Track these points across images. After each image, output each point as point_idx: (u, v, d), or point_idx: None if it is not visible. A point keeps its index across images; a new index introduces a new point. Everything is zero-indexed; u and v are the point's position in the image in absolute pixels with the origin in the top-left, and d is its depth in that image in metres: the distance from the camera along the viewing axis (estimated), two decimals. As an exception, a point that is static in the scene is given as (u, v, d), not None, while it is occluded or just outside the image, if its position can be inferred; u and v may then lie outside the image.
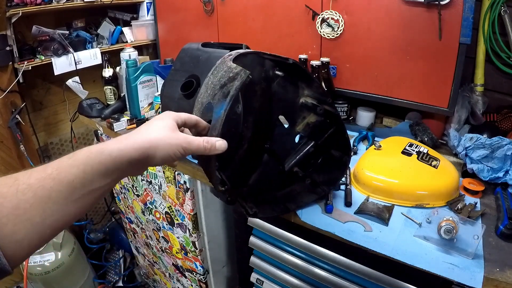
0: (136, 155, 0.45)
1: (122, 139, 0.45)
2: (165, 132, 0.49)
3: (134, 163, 0.45)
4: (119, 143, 0.44)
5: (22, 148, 1.51)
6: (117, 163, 0.43)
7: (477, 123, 1.11)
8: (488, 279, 0.61)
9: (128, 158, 0.44)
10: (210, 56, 0.85)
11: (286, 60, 0.72)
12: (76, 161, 0.41)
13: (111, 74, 1.42)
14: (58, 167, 0.40)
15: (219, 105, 0.57)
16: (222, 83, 0.59)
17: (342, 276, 0.86)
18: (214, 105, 0.58)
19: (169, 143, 0.48)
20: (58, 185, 0.39)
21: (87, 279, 1.71)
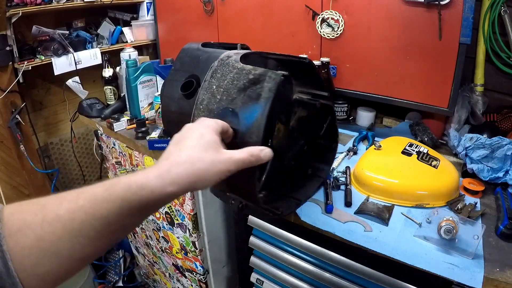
0: (181, 192, 0.41)
1: (164, 172, 0.40)
2: (210, 157, 0.43)
3: (178, 196, 0.41)
4: (161, 179, 0.39)
5: (22, 148, 1.51)
6: (158, 201, 0.39)
7: (477, 123, 1.11)
8: (488, 279, 0.61)
9: (171, 195, 0.40)
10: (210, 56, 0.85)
11: (303, 59, 0.69)
12: (112, 195, 0.37)
13: (111, 74, 1.42)
14: (92, 199, 0.37)
15: (249, 109, 0.53)
16: (241, 86, 0.56)
17: (342, 276, 0.86)
18: (239, 109, 0.54)
19: (215, 171, 0.43)
20: (90, 220, 0.35)
21: (87, 279, 1.71)
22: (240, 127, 0.53)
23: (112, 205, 0.37)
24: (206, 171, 0.42)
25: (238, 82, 0.57)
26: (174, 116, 0.90)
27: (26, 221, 0.34)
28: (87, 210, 0.36)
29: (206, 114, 0.58)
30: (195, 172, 0.41)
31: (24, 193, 1.68)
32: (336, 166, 0.98)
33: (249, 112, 0.53)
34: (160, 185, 0.39)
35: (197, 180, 0.41)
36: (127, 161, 1.32)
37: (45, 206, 0.35)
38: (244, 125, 0.52)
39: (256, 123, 0.52)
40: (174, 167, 0.41)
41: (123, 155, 1.34)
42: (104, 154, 1.50)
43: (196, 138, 0.44)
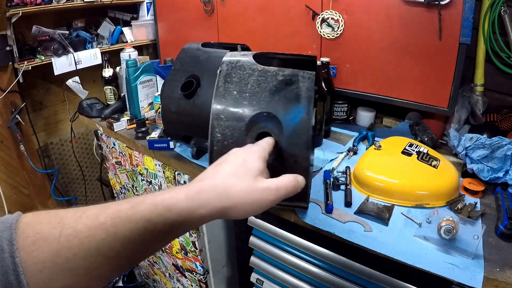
0: (210, 216, 0.38)
1: (194, 194, 0.37)
2: (246, 185, 0.40)
3: (205, 222, 0.39)
4: (190, 201, 0.37)
5: (22, 148, 1.51)
6: (185, 223, 0.37)
7: (477, 123, 1.11)
8: (488, 279, 0.61)
9: (199, 218, 0.37)
10: (210, 56, 0.85)
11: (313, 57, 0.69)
12: (135, 215, 0.35)
13: (111, 74, 1.42)
14: (114, 217, 0.34)
15: (291, 110, 0.53)
16: (272, 88, 0.55)
17: (342, 276, 0.86)
18: (277, 113, 0.53)
19: (252, 201, 0.39)
20: (111, 239, 0.33)
21: (87, 279, 1.71)
22: (282, 131, 0.52)
23: (135, 225, 0.34)
24: (241, 199, 0.39)
25: (267, 85, 0.55)
26: (174, 116, 0.90)
27: (43, 234, 0.32)
28: (108, 228, 0.33)
29: (232, 123, 0.54)
30: (229, 199, 0.38)
31: (24, 193, 1.68)
32: (336, 166, 0.98)
33: (292, 113, 0.53)
34: (188, 208, 0.36)
35: (230, 207, 0.38)
36: (127, 161, 1.32)
37: (63, 220, 0.33)
38: (289, 127, 0.52)
39: (303, 123, 0.52)
40: (205, 190, 0.38)
41: (123, 155, 1.34)
42: (104, 154, 1.50)
43: (237, 164, 0.42)
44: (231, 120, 0.54)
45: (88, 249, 0.33)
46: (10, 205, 1.59)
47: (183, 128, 0.90)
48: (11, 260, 0.31)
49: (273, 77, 0.57)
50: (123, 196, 1.53)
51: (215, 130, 0.54)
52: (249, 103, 0.55)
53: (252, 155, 0.43)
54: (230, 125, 0.54)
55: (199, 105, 0.82)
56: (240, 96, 0.55)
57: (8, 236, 0.31)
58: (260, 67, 0.58)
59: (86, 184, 1.93)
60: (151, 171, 1.22)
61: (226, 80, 0.57)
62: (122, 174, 1.42)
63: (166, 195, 0.37)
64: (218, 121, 0.54)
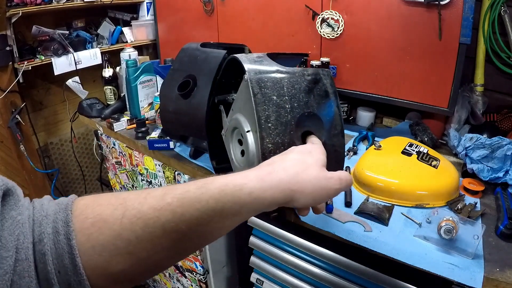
0: (280, 199, 0.37)
1: (265, 175, 0.37)
2: (315, 171, 0.40)
3: (274, 205, 0.38)
4: (261, 181, 0.36)
5: (22, 148, 1.51)
6: (255, 204, 0.36)
7: (477, 123, 1.11)
8: (488, 279, 0.61)
9: (270, 200, 0.37)
10: (208, 56, 0.85)
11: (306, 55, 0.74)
12: (204, 195, 0.33)
13: (111, 74, 1.42)
14: (182, 197, 0.33)
15: (326, 106, 0.57)
16: (305, 88, 0.57)
17: (342, 276, 0.86)
18: (316, 110, 0.56)
19: (320, 188, 0.40)
20: (177, 220, 0.32)
21: (87, 279, 1.71)
22: (323, 126, 0.56)
23: (204, 205, 0.33)
24: (309, 184, 0.39)
25: (300, 86, 0.56)
26: (171, 115, 0.90)
27: (103, 215, 0.31)
28: (175, 209, 0.32)
29: (281, 129, 0.53)
30: (298, 182, 0.38)
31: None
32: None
33: (326, 108, 0.57)
34: (260, 187, 0.36)
35: (299, 191, 0.38)
36: (127, 161, 1.32)
37: (126, 201, 0.32)
38: (327, 122, 0.56)
39: (336, 115, 0.57)
40: (276, 172, 0.38)
41: (123, 155, 1.34)
42: (104, 154, 1.50)
43: (305, 153, 0.43)
44: (279, 126, 0.53)
45: (152, 231, 0.31)
46: (10, 205, 1.59)
47: (180, 128, 0.91)
48: (66, 243, 0.30)
49: (302, 77, 0.58)
50: (123, 196, 1.53)
51: (265, 141, 0.52)
52: (292, 106, 0.55)
53: (315, 149, 0.45)
54: (279, 132, 0.53)
55: (195, 105, 0.82)
56: (281, 100, 0.55)
57: (64, 217, 0.30)
58: (285, 68, 0.59)
59: (86, 184, 1.93)
60: (151, 171, 1.22)
61: (260, 85, 0.55)
62: (122, 174, 1.42)
63: (236, 176, 0.36)
64: (267, 131, 0.53)
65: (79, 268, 0.30)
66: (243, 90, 0.59)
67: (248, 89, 0.54)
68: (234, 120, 0.62)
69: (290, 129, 0.54)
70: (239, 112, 0.62)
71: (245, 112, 0.59)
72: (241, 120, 0.59)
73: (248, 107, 0.57)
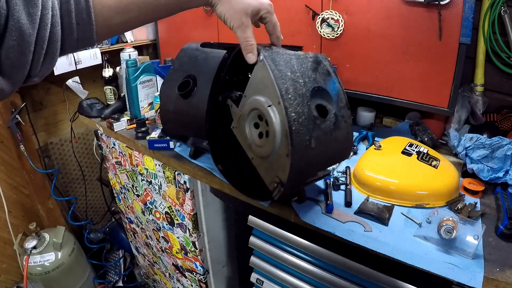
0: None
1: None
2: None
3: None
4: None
5: (22, 148, 1.51)
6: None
7: (477, 123, 1.11)
8: (488, 279, 0.61)
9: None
10: (208, 56, 0.85)
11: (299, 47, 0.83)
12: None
13: (111, 74, 1.42)
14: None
15: (330, 82, 0.66)
16: (311, 67, 0.65)
17: (342, 276, 0.86)
18: (323, 85, 0.64)
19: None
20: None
21: (87, 279, 1.71)
22: (331, 98, 0.64)
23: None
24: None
25: (306, 65, 0.64)
26: (171, 115, 0.90)
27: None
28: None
29: (300, 100, 0.60)
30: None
31: (24, 193, 1.68)
32: (336, 166, 0.98)
33: (331, 84, 0.66)
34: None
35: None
36: (127, 161, 1.33)
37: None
38: (334, 95, 0.65)
39: (340, 90, 0.67)
40: None
41: (123, 155, 1.34)
42: (104, 154, 1.50)
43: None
44: (298, 97, 0.60)
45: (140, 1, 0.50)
46: (10, 205, 1.59)
47: (180, 128, 0.91)
48: (85, 4, 0.44)
49: (306, 58, 0.66)
50: (123, 196, 1.53)
51: (288, 111, 0.58)
52: (304, 81, 0.62)
53: None
54: (299, 102, 0.59)
55: (195, 105, 0.82)
56: (295, 76, 0.61)
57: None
58: (289, 51, 0.67)
59: (86, 184, 1.93)
60: (151, 171, 1.22)
61: (275, 63, 0.62)
62: (122, 174, 1.42)
63: None
64: (288, 101, 0.59)
65: (92, 21, 0.45)
66: (258, 72, 0.64)
67: (265, 67, 0.61)
68: (251, 102, 0.66)
69: (306, 100, 0.60)
70: (255, 95, 0.66)
71: (263, 91, 0.63)
72: (260, 99, 0.63)
73: (266, 85, 0.62)
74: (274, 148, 0.62)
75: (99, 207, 2.05)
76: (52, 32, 0.40)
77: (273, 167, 0.64)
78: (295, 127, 0.58)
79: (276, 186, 0.65)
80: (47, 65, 0.42)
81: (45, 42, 0.39)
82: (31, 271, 1.46)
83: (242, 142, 0.72)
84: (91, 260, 1.83)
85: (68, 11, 0.42)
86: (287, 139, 0.58)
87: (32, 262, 1.46)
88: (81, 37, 0.45)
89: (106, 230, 1.99)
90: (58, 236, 1.56)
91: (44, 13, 0.39)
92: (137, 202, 1.41)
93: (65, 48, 0.44)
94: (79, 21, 0.43)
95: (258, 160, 0.68)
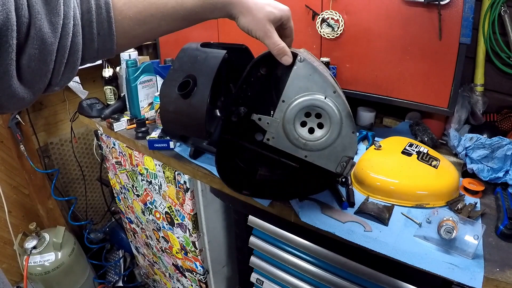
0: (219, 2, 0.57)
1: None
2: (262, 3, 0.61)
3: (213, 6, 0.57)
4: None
5: (22, 148, 1.51)
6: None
7: (477, 123, 1.11)
8: (488, 279, 0.61)
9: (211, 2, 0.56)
10: (208, 56, 0.85)
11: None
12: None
13: (111, 74, 1.42)
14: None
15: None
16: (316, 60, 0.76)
17: (342, 276, 0.86)
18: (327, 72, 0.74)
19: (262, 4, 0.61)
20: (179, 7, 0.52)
21: (87, 279, 1.71)
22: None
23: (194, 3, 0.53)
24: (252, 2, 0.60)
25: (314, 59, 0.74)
26: (171, 115, 0.91)
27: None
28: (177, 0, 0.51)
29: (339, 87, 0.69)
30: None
31: (24, 193, 1.68)
32: (336, 166, 0.98)
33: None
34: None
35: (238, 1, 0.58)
36: (127, 161, 1.33)
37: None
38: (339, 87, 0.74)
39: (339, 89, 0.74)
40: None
41: (123, 155, 1.34)
42: (104, 154, 1.50)
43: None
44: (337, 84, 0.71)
45: (162, 12, 0.50)
46: (10, 205, 1.59)
47: (180, 128, 0.91)
48: (106, 14, 0.44)
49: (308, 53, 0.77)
50: (123, 196, 1.53)
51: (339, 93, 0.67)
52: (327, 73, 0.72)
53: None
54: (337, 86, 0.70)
55: (195, 105, 0.83)
56: (322, 69, 0.69)
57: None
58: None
59: (86, 184, 1.93)
60: (151, 171, 1.22)
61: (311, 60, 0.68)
62: (122, 174, 1.42)
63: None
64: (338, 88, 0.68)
65: (113, 31, 0.45)
66: (300, 72, 0.67)
67: (309, 66, 0.66)
68: (301, 102, 0.68)
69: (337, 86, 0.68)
70: (298, 95, 0.68)
71: (311, 88, 0.67)
72: (310, 96, 0.67)
73: (315, 82, 0.67)
74: (339, 133, 0.67)
75: (99, 207, 2.05)
76: (73, 41, 0.40)
77: (336, 151, 0.69)
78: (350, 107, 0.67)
79: (345, 164, 0.70)
80: (68, 74, 0.42)
81: (67, 52, 0.39)
82: (31, 271, 1.46)
83: (287, 148, 0.71)
84: (91, 260, 1.83)
85: (90, 21, 0.43)
86: (350, 119, 0.67)
87: (32, 262, 1.46)
88: (101, 47, 0.45)
89: (106, 230, 1.99)
90: (58, 236, 1.56)
91: (66, 22, 0.38)
92: (137, 202, 1.41)
93: (86, 57, 0.44)
94: (100, 31, 0.44)
95: (315, 154, 0.71)
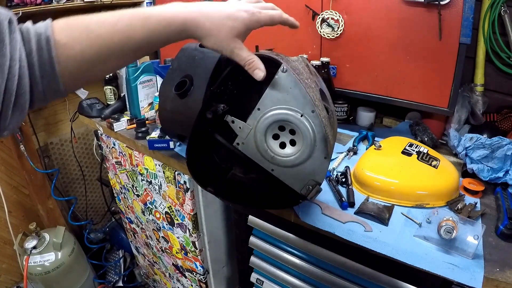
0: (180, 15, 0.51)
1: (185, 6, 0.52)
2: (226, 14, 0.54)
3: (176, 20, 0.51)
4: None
5: (22, 148, 1.51)
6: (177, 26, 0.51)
7: (477, 123, 1.11)
8: (488, 279, 0.61)
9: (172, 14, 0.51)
10: (205, 56, 0.86)
11: None
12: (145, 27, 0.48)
13: (111, 74, 1.42)
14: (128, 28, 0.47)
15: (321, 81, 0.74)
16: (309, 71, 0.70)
17: (342, 276, 0.86)
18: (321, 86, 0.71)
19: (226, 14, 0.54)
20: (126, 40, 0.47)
21: (87, 279, 1.71)
22: (326, 96, 0.69)
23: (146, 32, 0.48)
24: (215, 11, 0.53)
25: (304, 68, 0.68)
26: (169, 115, 0.91)
27: (73, 36, 0.44)
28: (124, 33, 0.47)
29: (320, 105, 0.63)
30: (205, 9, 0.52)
31: (24, 193, 1.68)
32: (336, 166, 0.98)
33: (322, 84, 0.73)
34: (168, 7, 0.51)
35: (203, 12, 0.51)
36: (127, 161, 1.32)
37: (89, 27, 0.46)
38: (326, 93, 0.71)
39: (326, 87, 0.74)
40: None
41: (123, 155, 1.34)
42: (104, 154, 1.50)
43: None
44: (319, 102, 0.64)
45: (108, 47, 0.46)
46: (10, 205, 1.59)
47: (177, 127, 0.91)
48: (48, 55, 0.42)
49: (300, 62, 0.69)
50: (123, 196, 1.53)
51: (321, 117, 0.61)
52: (314, 85, 0.67)
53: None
54: (321, 107, 0.63)
55: (191, 104, 0.83)
56: (309, 82, 0.65)
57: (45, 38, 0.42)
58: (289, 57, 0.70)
59: (86, 184, 1.93)
60: (151, 171, 1.22)
61: (296, 72, 0.62)
62: (122, 174, 1.42)
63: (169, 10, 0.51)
64: (319, 108, 0.61)
65: (56, 72, 0.42)
66: (281, 82, 0.60)
67: (290, 78, 0.59)
68: (276, 115, 0.62)
69: (321, 103, 0.63)
70: (274, 107, 0.62)
71: (290, 101, 0.61)
72: (287, 111, 0.61)
73: (294, 96, 0.60)
74: (310, 155, 0.62)
75: (99, 207, 2.05)
76: (19, 83, 0.39)
77: (304, 173, 0.64)
78: (327, 130, 0.60)
79: (311, 188, 0.66)
80: (16, 117, 0.41)
81: (13, 94, 0.39)
82: (31, 271, 1.46)
83: (255, 157, 0.67)
84: (91, 260, 1.83)
85: (31, 64, 0.41)
86: (324, 143, 0.61)
87: (32, 262, 1.46)
88: (47, 89, 0.43)
89: (106, 230, 1.99)
90: (58, 236, 1.56)
91: (12, 64, 0.38)
92: (137, 202, 1.41)
93: (34, 100, 0.43)
94: (43, 74, 0.42)
95: (281, 170, 0.66)
